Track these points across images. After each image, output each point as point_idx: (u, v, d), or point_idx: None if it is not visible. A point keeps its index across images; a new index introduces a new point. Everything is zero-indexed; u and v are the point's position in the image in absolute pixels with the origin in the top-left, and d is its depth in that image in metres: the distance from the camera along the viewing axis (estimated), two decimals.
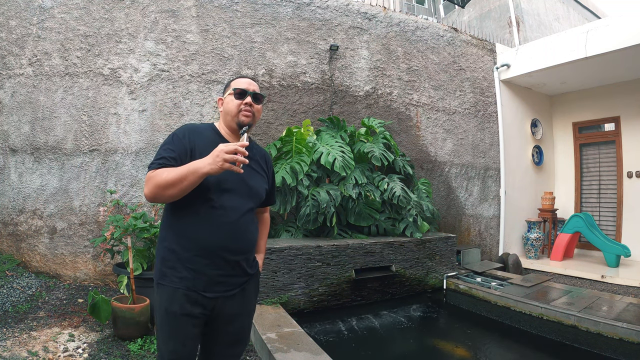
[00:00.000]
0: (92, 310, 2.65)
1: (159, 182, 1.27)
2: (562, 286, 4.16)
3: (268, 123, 4.36)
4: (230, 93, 1.50)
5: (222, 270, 1.38)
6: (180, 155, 1.36)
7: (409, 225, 4.15)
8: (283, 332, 2.64)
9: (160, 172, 1.29)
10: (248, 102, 1.48)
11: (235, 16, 4.28)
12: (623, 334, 2.85)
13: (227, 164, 1.21)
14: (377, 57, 5.03)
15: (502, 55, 6.03)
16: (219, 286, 1.38)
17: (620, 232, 5.87)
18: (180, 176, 1.25)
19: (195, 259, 1.35)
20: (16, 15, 3.77)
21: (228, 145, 1.23)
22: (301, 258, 3.43)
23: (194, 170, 1.24)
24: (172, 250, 1.38)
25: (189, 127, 1.48)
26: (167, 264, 1.38)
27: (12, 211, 3.71)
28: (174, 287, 1.34)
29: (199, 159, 1.27)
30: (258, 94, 1.51)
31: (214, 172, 1.23)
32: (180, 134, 1.43)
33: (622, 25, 4.53)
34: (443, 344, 3.32)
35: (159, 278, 1.39)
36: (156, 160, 1.34)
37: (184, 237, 1.37)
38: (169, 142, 1.40)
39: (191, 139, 1.40)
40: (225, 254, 1.38)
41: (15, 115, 3.73)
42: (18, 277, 3.45)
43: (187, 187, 1.27)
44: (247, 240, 1.46)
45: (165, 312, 1.35)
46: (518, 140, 6.18)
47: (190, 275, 1.35)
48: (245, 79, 1.54)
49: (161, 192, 1.28)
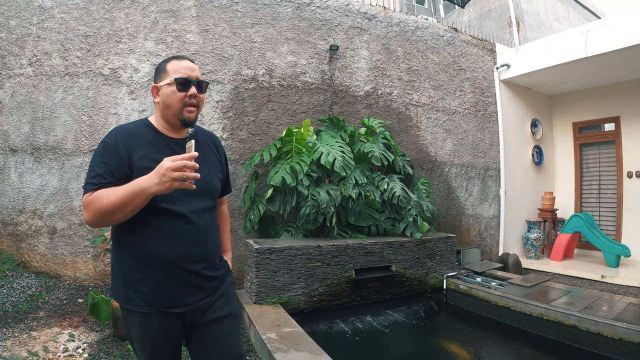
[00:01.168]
0: (92, 310, 2.65)
1: (100, 208, 1.12)
2: (562, 286, 4.16)
3: (268, 123, 4.36)
4: (171, 83, 1.28)
5: (188, 281, 1.27)
6: (117, 169, 1.20)
7: (409, 225, 4.15)
8: (283, 332, 2.64)
9: (99, 195, 1.14)
10: (192, 94, 1.29)
11: (235, 16, 4.28)
12: (623, 334, 2.85)
13: (176, 183, 1.08)
14: (377, 57, 5.03)
15: (502, 55, 6.03)
16: (189, 298, 1.27)
17: (620, 232, 5.87)
18: (123, 200, 1.11)
19: (156, 274, 1.23)
20: (16, 15, 3.77)
21: (175, 161, 1.07)
22: (301, 258, 3.43)
23: (140, 192, 1.10)
24: (130, 269, 1.25)
25: (120, 131, 1.28)
26: (130, 286, 1.25)
27: (12, 211, 3.71)
28: (144, 313, 1.23)
29: (143, 177, 1.12)
30: (202, 81, 1.32)
31: (163, 193, 1.10)
32: (111, 141, 1.24)
33: (622, 25, 4.53)
34: (443, 344, 3.32)
35: (125, 302, 1.26)
36: (90, 180, 1.18)
37: (139, 253, 1.24)
38: (100, 155, 1.22)
39: (125, 145, 1.23)
40: (187, 265, 1.26)
41: (15, 115, 3.73)
42: (18, 277, 3.45)
43: (134, 209, 1.13)
44: (209, 246, 1.34)
45: (142, 336, 1.27)
46: (518, 140, 6.18)
47: (157, 294, 1.23)
48: (185, 62, 1.31)
49: (105, 218, 1.14)
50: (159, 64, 1.37)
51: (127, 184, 1.14)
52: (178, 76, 1.27)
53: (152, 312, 1.23)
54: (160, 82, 1.32)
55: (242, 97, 4.21)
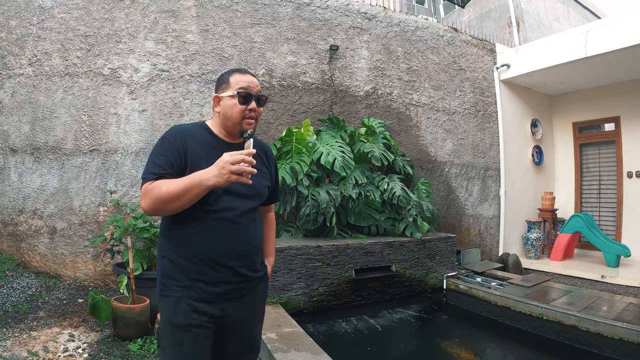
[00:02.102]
0: (92, 310, 2.65)
1: (160, 195, 1.17)
2: (562, 286, 4.16)
3: (268, 123, 4.36)
4: (233, 95, 1.33)
5: (225, 276, 1.30)
6: (175, 161, 1.26)
7: (409, 225, 4.15)
8: (283, 332, 2.64)
9: (158, 184, 1.19)
10: (253, 108, 1.34)
11: (235, 16, 4.29)
12: (623, 334, 2.85)
13: (234, 176, 1.12)
14: (377, 57, 5.03)
15: (502, 55, 6.03)
16: (222, 292, 1.30)
17: (620, 232, 5.87)
18: (183, 189, 1.16)
19: (194, 267, 1.27)
20: (16, 15, 3.77)
21: (233, 155, 1.12)
22: (301, 258, 3.43)
23: (199, 183, 1.15)
24: (170, 260, 1.30)
25: (179, 129, 1.34)
26: (167, 274, 1.30)
27: (12, 211, 3.71)
28: (175, 297, 1.27)
29: (203, 170, 1.17)
30: (262, 96, 1.38)
31: (221, 185, 1.15)
32: (171, 137, 1.30)
33: (622, 25, 4.53)
34: (443, 344, 3.32)
35: (161, 290, 1.32)
36: (152, 170, 1.23)
37: (181, 245, 1.29)
38: (160, 148, 1.28)
39: (183, 142, 1.29)
40: (226, 260, 1.29)
41: (15, 115, 3.73)
42: (18, 277, 3.45)
43: (191, 200, 1.18)
44: (249, 244, 1.36)
45: (169, 325, 1.27)
46: (518, 140, 6.18)
47: (192, 283, 1.27)
48: (247, 76, 1.37)
49: (162, 206, 1.19)
50: (222, 74, 1.41)
51: (186, 176, 1.19)
52: (240, 90, 1.33)
53: (183, 296, 1.26)
54: (222, 93, 1.37)
55: None
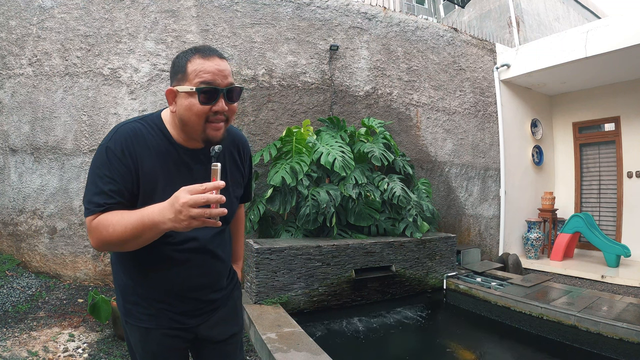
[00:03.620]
0: (92, 310, 2.65)
1: (106, 238, 0.94)
2: (562, 286, 4.16)
3: (268, 123, 4.36)
4: (191, 92, 0.96)
5: (193, 308, 1.17)
6: (125, 186, 0.99)
7: (409, 225, 4.15)
8: (283, 332, 2.64)
9: (104, 222, 0.95)
10: (219, 110, 0.97)
11: (235, 16, 4.29)
12: (623, 334, 2.85)
13: (195, 222, 0.84)
14: (377, 57, 5.03)
15: (502, 55, 6.03)
16: (190, 320, 1.18)
17: (620, 232, 5.87)
18: (132, 233, 0.92)
19: (158, 297, 1.13)
20: (16, 15, 3.77)
21: (194, 195, 0.83)
22: (301, 258, 3.43)
23: (151, 226, 0.90)
24: (127, 285, 1.14)
25: (128, 135, 1.01)
26: (129, 299, 1.14)
27: (12, 211, 3.71)
28: (144, 327, 1.13)
29: (155, 207, 0.90)
30: (233, 88, 1.00)
31: (180, 230, 0.88)
32: (117, 150, 0.98)
33: (622, 25, 4.52)
34: (443, 344, 3.32)
35: (125, 315, 1.17)
36: (94, 200, 0.97)
37: (140, 275, 1.12)
38: (105, 166, 0.98)
39: (134, 157, 0.99)
40: (194, 293, 1.15)
41: (15, 115, 3.73)
42: (18, 277, 3.45)
43: (146, 241, 0.95)
44: (219, 271, 1.21)
45: (143, 351, 1.17)
46: (518, 140, 6.18)
47: (158, 312, 1.13)
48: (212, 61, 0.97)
49: (112, 248, 1.01)
50: (177, 57, 1.03)
51: (136, 211, 0.93)
52: (202, 84, 0.96)
53: (152, 327, 1.13)
54: (177, 86, 1.00)
55: (242, 97, 4.21)
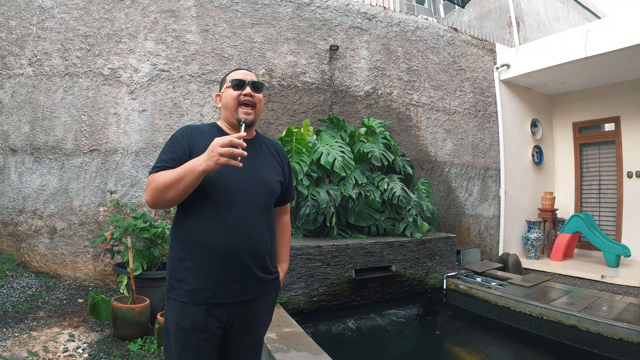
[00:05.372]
0: (92, 310, 2.65)
1: (157, 185, 1.21)
2: (562, 286, 4.16)
3: (268, 123, 4.36)
4: (228, 86, 1.42)
5: (234, 273, 1.29)
6: (179, 156, 1.29)
7: (409, 225, 4.15)
8: (283, 332, 2.64)
9: (158, 175, 1.24)
10: (247, 93, 1.40)
11: (235, 16, 4.28)
12: (623, 334, 2.85)
13: (222, 159, 1.13)
14: (377, 57, 5.03)
15: (502, 55, 6.03)
16: (230, 293, 1.29)
17: (620, 232, 5.87)
18: (177, 177, 1.18)
19: (202, 265, 1.27)
20: (16, 15, 3.77)
21: (223, 138, 1.14)
22: (301, 258, 3.43)
23: (191, 170, 1.17)
24: (179, 258, 1.30)
25: (188, 128, 1.40)
26: (175, 276, 1.29)
27: (12, 211, 3.71)
28: (182, 302, 1.26)
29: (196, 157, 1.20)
30: (257, 82, 1.42)
31: (211, 169, 1.15)
32: (178, 135, 1.37)
33: (622, 25, 4.53)
34: (443, 344, 3.32)
35: (168, 291, 1.31)
36: (155, 165, 1.30)
37: (189, 242, 1.29)
38: (167, 145, 1.35)
39: (189, 140, 1.34)
40: (236, 256, 1.28)
41: (15, 115, 3.73)
42: (18, 277, 3.45)
43: (186, 188, 1.19)
44: (258, 242, 1.34)
45: (176, 328, 1.27)
46: (518, 140, 6.18)
47: (199, 285, 1.26)
48: (241, 70, 1.46)
49: (160, 195, 1.22)
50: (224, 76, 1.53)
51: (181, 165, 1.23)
52: (233, 78, 1.41)
53: (189, 302, 1.25)
54: (222, 89, 1.48)
55: None
